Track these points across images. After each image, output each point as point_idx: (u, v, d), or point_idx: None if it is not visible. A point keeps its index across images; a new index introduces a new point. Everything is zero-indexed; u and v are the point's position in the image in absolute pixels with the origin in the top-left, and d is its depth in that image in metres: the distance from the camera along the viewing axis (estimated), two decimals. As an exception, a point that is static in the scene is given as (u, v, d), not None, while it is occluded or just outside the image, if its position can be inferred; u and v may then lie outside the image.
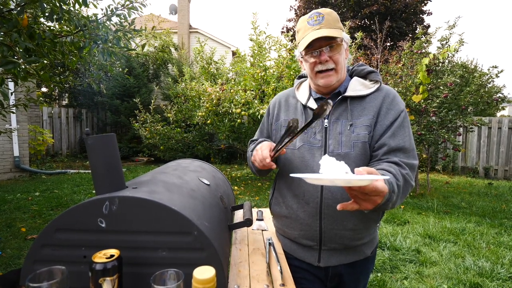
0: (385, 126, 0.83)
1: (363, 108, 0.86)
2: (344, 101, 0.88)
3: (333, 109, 0.88)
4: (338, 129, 0.85)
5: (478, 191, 4.91)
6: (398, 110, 0.84)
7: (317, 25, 0.82)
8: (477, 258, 2.43)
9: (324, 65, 0.84)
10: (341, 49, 0.84)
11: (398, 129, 0.83)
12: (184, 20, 11.74)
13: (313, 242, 0.89)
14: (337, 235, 0.86)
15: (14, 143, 5.13)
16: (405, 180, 0.76)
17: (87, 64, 2.33)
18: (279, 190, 0.97)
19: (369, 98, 0.87)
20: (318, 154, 0.87)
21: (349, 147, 0.83)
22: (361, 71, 0.92)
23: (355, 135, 0.83)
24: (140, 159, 7.62)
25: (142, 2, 2.19)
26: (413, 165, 0.80)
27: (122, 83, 7.75)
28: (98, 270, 0.53)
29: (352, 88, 0.88)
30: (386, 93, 0.87)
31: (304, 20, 0.86)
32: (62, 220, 0.63)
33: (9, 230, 2.81)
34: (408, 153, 0.81)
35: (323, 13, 0.83)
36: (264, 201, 4.08)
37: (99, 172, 0.67)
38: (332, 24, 0.82)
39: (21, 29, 1.47)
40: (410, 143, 0.82)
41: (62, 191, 4.28)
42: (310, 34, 0.82)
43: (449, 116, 4.24)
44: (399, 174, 0.75)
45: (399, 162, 0.78)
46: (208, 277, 0.41)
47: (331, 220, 0.85)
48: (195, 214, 0.67)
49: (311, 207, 0.86)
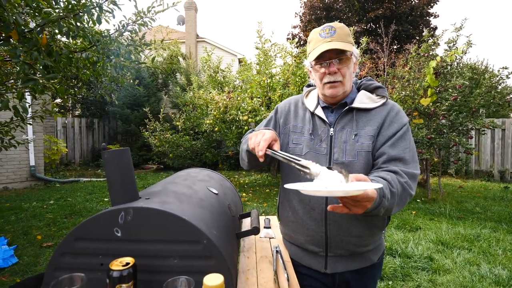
0: (386, 136, 0.86)
1: (369, 120, 0.89)
2: (350, 112, 0.91)
3: (339, 119, 0.91)
4: (343, 137, 0.88)
5: (494, 195, 4.75)
6: (401, 123, 0.88)
7: (328, 38, 0.85)
8: (493, 265, 2.35)
9: (332, 76, 0.87)
10: (349, 63, 0.88)
11: (399, 140, 0.85)
12: (191, 30, 12.03)
13: (319, 248, 0.90)
14: (342, 241, 0.88)
15: (30, 152, 5.33)
16: (403, 188, 0.77)
17: (99, 76, 2.44)
18: (286, 195, 0.99)
19: (374, 111, 0.90)
20: (323, 162, 0.88)
21: (352, 156, 0.86)
22: (369, 85, 0.95)
23: (359, 144, 0.86)
24: (150, 167, 7.76)
25: (151, 17, 2.29)
26: (413, 174, 0.81)
27: (132, 93, 7.97)
28: (115, 277, 0.57)
29: (359, 100, 0.91)
30: (392, 107, 0.91)
31: (317, 32, 0.89)
32: (81, 230, 0.67)
33: (26, 238, 2.91)
34: (407, 164, 0.82)
35: (336, 27, 0.86)
36: (272, 207, 4.07)
37: (114, 183, 0.72)
38: (344, 38, 0.86)
39: (41, 47, 1.57)
40: (410, 155, 0.84)
41: (76, 199, 4.40)
42: (321, 45, 0.85)
43: (460, 119, 4.16)
44: (396, 181, 0.76)
45: (397, 171, 0.80)
46: (217, 284, 0.44)
47: (337, 226, 0.86)
48: (204, 223, 0.70)
49: (316, 213, 0.88)
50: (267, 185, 5.63)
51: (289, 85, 4.80)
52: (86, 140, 8.11)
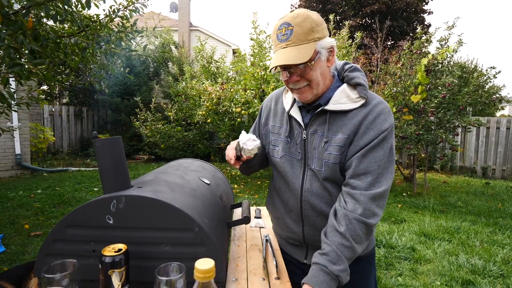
0: (358, 146, 0.77)
1: (343, 124, 0.79)
2: (325, 113, 0.81)
3: (312, 121, 0.83)
4: (314, 143, 0.82)
5: (475, 190, 4.96)
6: (379, 129, 0.76)
7: (284, 42, 0.74)
8: (470, 256, 2.49)
9: (295, 84, 0.78)
10: (315, 65, 0.75)
11: (372, 150, 0.76)
12: (184, 18, 11.73)
13: (299, 242, 0.92)
14: (319, 241, 0.86)
15: (15, 141, 5.17)
16: (365, 226, 0.73)
17: (88, 63, 2.37)
18: (271, 193, 1.00)
19: (351, 114, 0.79)
20: (298, 166, 0.85)
21: (320, 165, 0.81)
22: (350, 79, 0.81)
23: (327, 154, 0.79)
24: (140, 157, 7.67)
25: (143, 3, 2.23)
26: (376, 196, 0.74)
27: (123, 81, 7.78)
28: (108, 263, 0.58)
29: (335, 100, 0.80)
30: (370, 110, 0.78)
31: (275, 30, 0.76)
32: (73, 217, 0.67)
33: (13, 227, 2.86)
34: (374, 179, 0.75)
35: (293, 25, 0.72)
36: (263, 199, 4.13)
37: (106, 172, 0.72)
38: (303, 38, 0.72)
39: (26, 31, 1.51)
40: (381, 168, 0.75)
41: (64, 188, 4.33)
42: (276, 54, 0.76)
43: (447, 116, 4.28)
44: (355, 227, 0.72)
45: (356, 198, 0.74)
46: (208, 268, 0.46)
47: (312, 228, 0.87)
48: (196, 212, 0.72)
49: (294, 214, 0.89)
50: (259, 177, 5.68)
51: (282, 78, 4.79)
52: (75, 129, 7.91)
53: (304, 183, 0.85)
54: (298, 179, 0.86)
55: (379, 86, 5.30)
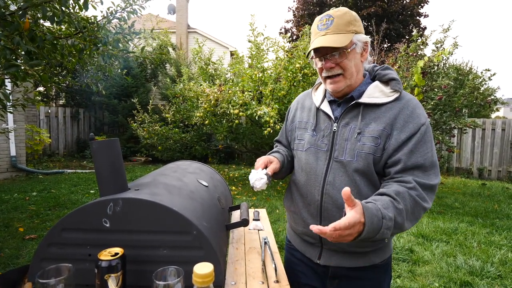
0: (400, 140, 0.76)
1: (377, 117, 0.80)
2: (358, 106, 0.83)
3: (344, 114, 0.84)
4: (346, 135, 0.82)
5: (472, 191, 4.99)
6: (418, 123, 0.77)
7: (324, 30, 0.79)
8: (468, 257, 2.50)
9: (330, 71, 0.81)
10: (351, 54, 0.79)
11: (418, 145, 0.76)
12: (182, 20, 11.73)
13: (315, 240, 0.90)
14: None
15: (11, 142, 5.11)
16: (415, 202, 0.71)
17: (85, 65, 2.36)
18: (290, 187, 0.99)
19: (385, 108, 0.80)
20: (323, 158, 0.85)
21: (352, 155, 0.80)
22: (383, 76, 0.84)
23: (360, 144, 0.79)
24: (138, 159, 7.62)
25: (141, 5, 2.22)
26: (430, 186, 0.74)
27: (120, 83, 7.74)
28: (104, 267, 0.57)
29: (368, 94, 0.82)
30: (406, 103, 0.80)
31: (316, 22, 0.82)
32: (68, 220, 0.66)
33: (7, 230, 2.81)
34: (426, 171, 0.75)
35: (334, 16, 0.78)
36: (261, 201, 4.12)
37: (103, 174, 0.71)
38: (342, 28, 0.78)
39: (23, 32, 1.50)
40: (430, 161, 0.76)
41: (60, 191, 4.28)
42: (316, 40, 0.80)
43: (443, 118, 4.32)
44: (406, 196, 0.71)
45: (411, 182, 0.73)
46: (206, 272, 0.45)
47: (330, 223, 0.86)
48: (194, 215, 0.71)
49: (312, 208, 0.87)
50: (257, 179, 5.66)
51: (280, 79, 4.80)
52: (71, 131, 7.85)
53: (328, 175, 0.84)
54: (322, 172, 0.85)
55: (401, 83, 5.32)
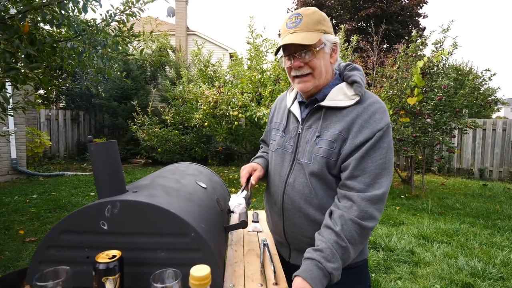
0: (354, 145, 0.76)
1: (337, 120, 0.80)
2: (320, 109, 0.83)
3: (308, 116, 0.85)
4: (307, 137, 0.83)
5: (473, 192, 4.98)
6: (374, 129, 0.75)
7: (292, 28, 0.78)
8: (469, 258, 2.48)
9: (298, 70, 0.81)
10: (321, 54, 0.79)
11: (370, 151, 0.74)
12: (181, 22, 11.78)
13: (282, 239, 0.94)
14: (297, 239, 0.88)
15: (11, 145, 5.12)
16: (360, 228, 0.71)
17: (85, 67, 2.37)
18: (267, 188, 1.03)
19: (346, 111, 0.79)
20: (288, 159, 0.88)
21: (309, 158, 0.81)
22: (348, 77, 0.83)
23: (317, 147, 0.80)
24: (137, 161, 7.62)
25: (140, 7, 2.23)
26: (377, 197, 0.72)
27: (120, 85, 7.76)
28: (101, 270, 0.57)
29: (331, 96, 0.81)
30: (366, 108, 0.78)
31: (285, 20, 0.82)
32: (66, 222, 0.66)
33: (7, 233, 2.81)
34: (372, 180, 0.73)
35: (303, 15, 0.78)
36: (260, 202, 4.11)
37: (101, 177, 0.71)
38: (311, 27, 0.77)
39: (22, 35, 1.51)
40: (378, 169, 0.74)
41: (60, 193, 4.28)
42: (284, 38, 0.79)
43: (444, 119, 4.31)
44: (349, 227, 0.71)
45: (354, 202, 0.72)
46: (203, 275, 0.45)
47: (291, 224, 0.88)
48: (192, 217, 0.71)
49: (277, 208, 0.91)
50: (257, 180, 5.66)
51: (280, 81, 4.81)
52: (71, 133, 7.86)
53: (289, 177, 0.87)
54: (285, 173, 0.88)
55: (375, 89, 5.33)
